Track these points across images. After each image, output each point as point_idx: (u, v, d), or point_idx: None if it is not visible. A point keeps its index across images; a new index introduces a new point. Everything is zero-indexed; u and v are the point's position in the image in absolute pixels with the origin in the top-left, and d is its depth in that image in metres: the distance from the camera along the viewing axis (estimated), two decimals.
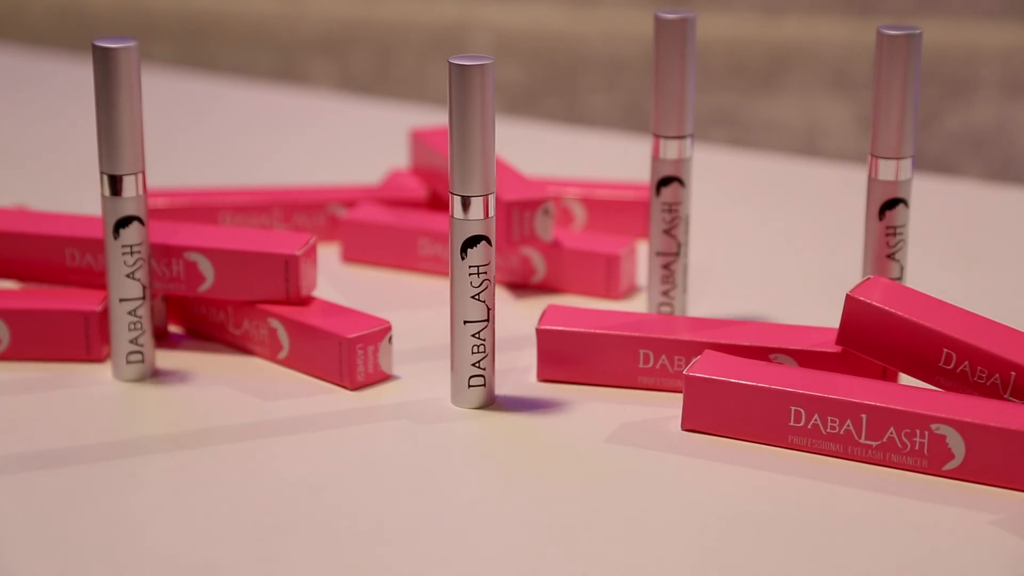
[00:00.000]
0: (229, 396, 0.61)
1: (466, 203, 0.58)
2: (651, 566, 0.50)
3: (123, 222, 0.60)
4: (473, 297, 0.58)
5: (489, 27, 1.32)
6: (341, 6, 1.37)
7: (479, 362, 0.59)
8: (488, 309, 0.59)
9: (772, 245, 0.79)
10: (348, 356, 0.61)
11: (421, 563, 0.50)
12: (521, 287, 0.72)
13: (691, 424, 0.58)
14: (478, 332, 0.59)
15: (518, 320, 0.67)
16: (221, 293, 0.63)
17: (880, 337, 0.58)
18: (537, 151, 0.91)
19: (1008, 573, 0.49)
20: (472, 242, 0.58)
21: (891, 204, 0.62)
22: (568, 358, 0.62)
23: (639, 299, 0.71)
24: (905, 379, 0.60)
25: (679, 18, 0.63)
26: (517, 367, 0.63)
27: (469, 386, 0.60)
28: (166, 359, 0.64)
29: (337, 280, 0.73)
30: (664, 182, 0.65)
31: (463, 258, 0.58)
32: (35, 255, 0.64)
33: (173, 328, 0.66)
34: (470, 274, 0.58)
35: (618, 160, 0.91)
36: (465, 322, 0.59)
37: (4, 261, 0.65)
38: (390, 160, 0.87)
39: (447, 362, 0.60)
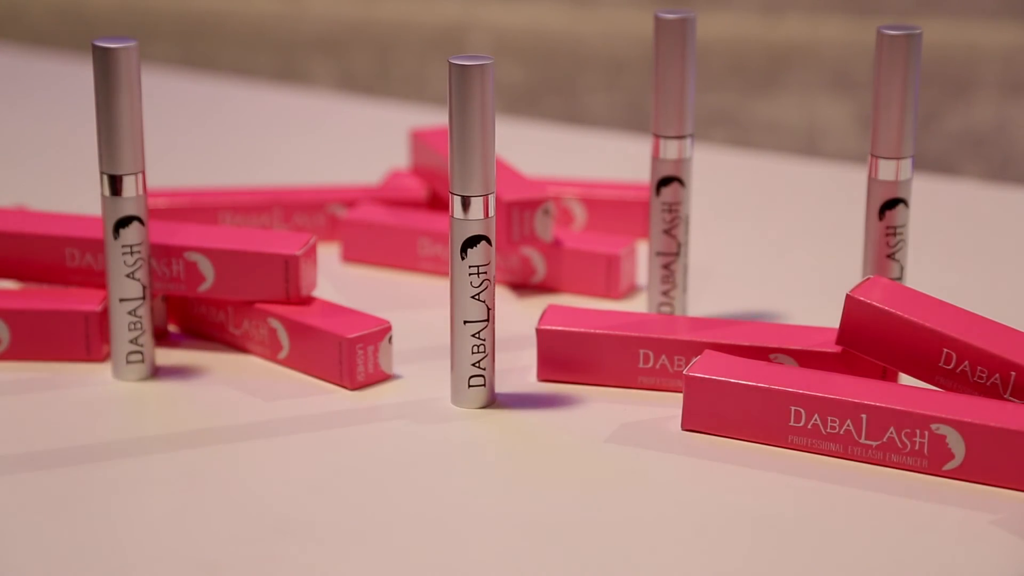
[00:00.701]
0: (229, 396, 0.61)
1: (466, 203, 0.58)
2: (651, 566, 0.50)
3: (123, 222, 0.60)
4: (473, 297, 0.58)
5: (489, 27, 1.32)
6: (341, 6, 1.37)
7: (479, 362, 0.59)
8: (488, 309, 0.59)
9: (772, 245, 0.79)
10: (348, 356, 0.61)
11: (421, 563, 0.50)
12: (521, 287, 0.72)
13: (691, 424, 0.58)
14: (478, 332, 0.59)
15: (518, 320, 0.67)
16: (221, 293, 0.63)
17: (880, 337, 0.58)
18: (537, 151, 0.91)
19: (1008, 573, 0.49)
20: (472, 242, 0.58)
21: (891, 204, 0.62)
22: (568, 358, 0.62)
23: (639, 299, 0.71)
24: (905, 379, 0.60)
25: (679, 18, 0.63)
26: (517, 367, 0.63)
27: (469, 386, 0.60)
28: (166, 359, 0.64)
29: (337, 280, 0.73)
30: (664, 182, 0.65)
31: (463, 258, 0.58)
32: (35, 255, 0.64)
33: (173, 328, 0.66)
34: (470, 274, 0.58)
35: (618, 160, 0.91)
36: (465, 322, 0.59)
37: (4, 261, 0.65)
38: (390, 160, 0.87)
39: (447, 362, 0.60)
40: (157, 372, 0.63)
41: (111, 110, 0.59)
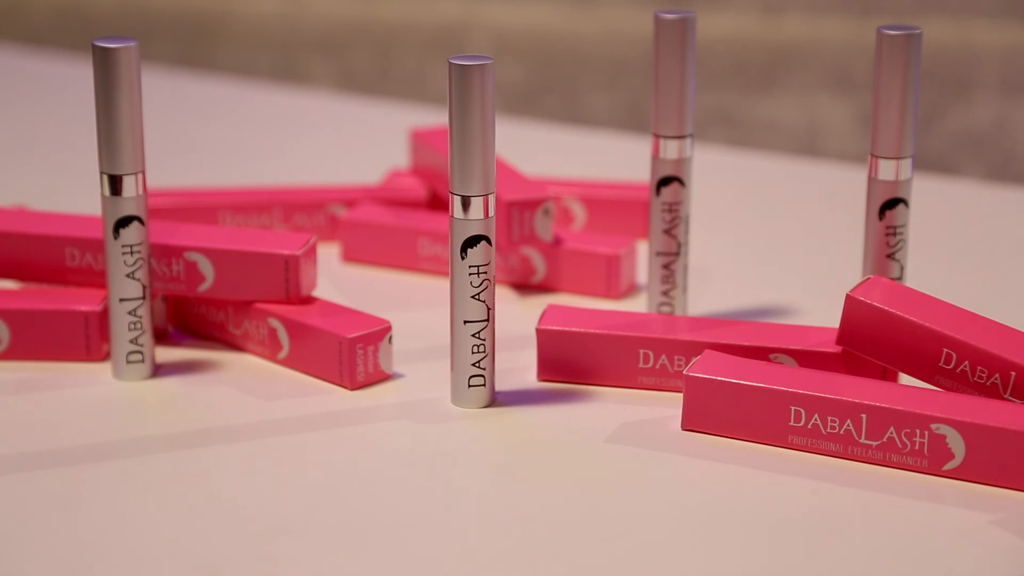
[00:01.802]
0: (229, 396, 0.61)
1: (466, 203, 0.58)
2: (651, 566, 0.50)
3: (123, 222, 0.60)
4: (473, 297, 0.58)
5: (489, 27, 1.32)
6: (341, 6, 1.37)
7: (479, 362, 0.59)
8: (488, 309, 0.59)
9: (772, 245, 0.79)
10: (348, 356, 0.61)
11: (421, 563, 0.50)
12: (521, 287, 0.72)
13: (691, 424, 0.58)
14: (478, 332, 0.59)
15: (518, 320, 0.67)
16: (221, 293, 0.63)
17: (880, 337, 0.58)
18: (537, 151, 0.91)
19: (1008, 573, 0.49)
20: (472, 242, 0.58)
21: (891, 204, 0.62)
22: (568, 358, 0.62)
23: (639, 299, 0.71)
24: (905, 379, 0.60)
25: (679, 18, 0.63)
26: (517, 367, 0.63)
27: (469, 386, 0.60)
28: (166, 359, 0.64)
29: (337, 280, 0.73)
30: (664, 182, 0.65)
31: (463, 258, 0.58)
32: (35, 255, 0.64)
33: (172, 328, 0.66)
34: (470, 274, 0.58)
35: (618, 160, 0.91)
36: (465, 322, 0.59)
37: (4, 261, 0.65)
38: (390, 160, 0.87)
39: (447, 362, 0.60)
40: (157, 372, 0.63)
41: (111, 110, 0.59)
